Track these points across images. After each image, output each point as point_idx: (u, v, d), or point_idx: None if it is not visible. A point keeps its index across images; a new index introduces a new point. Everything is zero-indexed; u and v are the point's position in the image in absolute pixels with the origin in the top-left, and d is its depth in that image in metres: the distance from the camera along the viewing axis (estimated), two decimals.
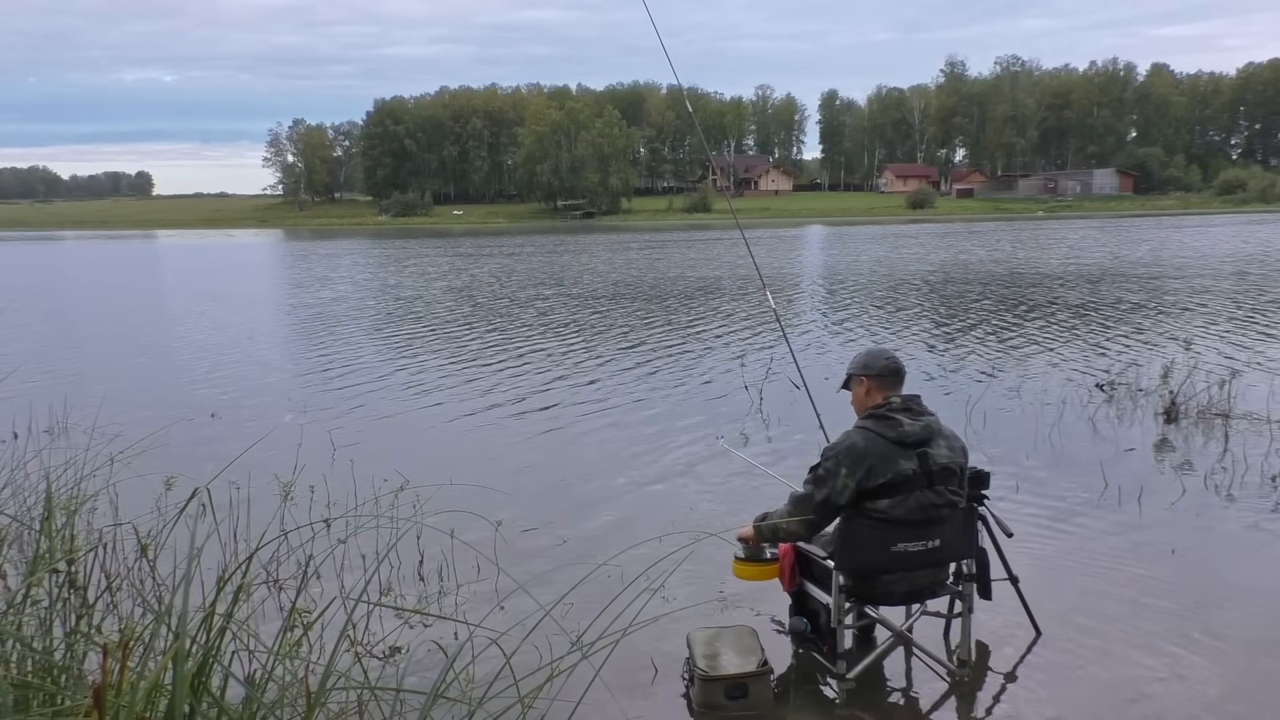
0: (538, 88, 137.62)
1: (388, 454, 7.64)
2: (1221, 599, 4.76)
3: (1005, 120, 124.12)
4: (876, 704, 3.89)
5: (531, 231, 78.17)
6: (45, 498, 4.05)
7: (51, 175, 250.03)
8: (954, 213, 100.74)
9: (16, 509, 4.64)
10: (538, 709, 2.46)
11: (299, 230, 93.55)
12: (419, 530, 4.91)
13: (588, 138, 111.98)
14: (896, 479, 3.64)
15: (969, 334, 14.50)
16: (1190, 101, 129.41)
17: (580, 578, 3.57)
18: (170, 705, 2.04)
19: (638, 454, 7.79)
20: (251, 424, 8.85)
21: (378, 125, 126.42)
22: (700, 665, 3.79)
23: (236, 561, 3.58)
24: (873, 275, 26.60)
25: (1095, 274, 25.21)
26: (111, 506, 5.33)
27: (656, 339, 14.59)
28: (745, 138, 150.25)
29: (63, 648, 2.76)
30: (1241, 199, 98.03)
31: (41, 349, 14.46)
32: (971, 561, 3.95)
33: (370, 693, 2.68)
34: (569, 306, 19.69)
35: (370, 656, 4.06)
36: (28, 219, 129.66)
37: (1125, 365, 11.03)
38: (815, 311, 18.20)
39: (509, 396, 10.26)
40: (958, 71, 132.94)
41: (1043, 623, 4.37)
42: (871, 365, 3.94)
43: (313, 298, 23.09)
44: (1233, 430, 7.94)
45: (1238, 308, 17.01)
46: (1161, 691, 3.87)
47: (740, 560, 4.17)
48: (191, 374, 12.22)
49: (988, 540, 4.16)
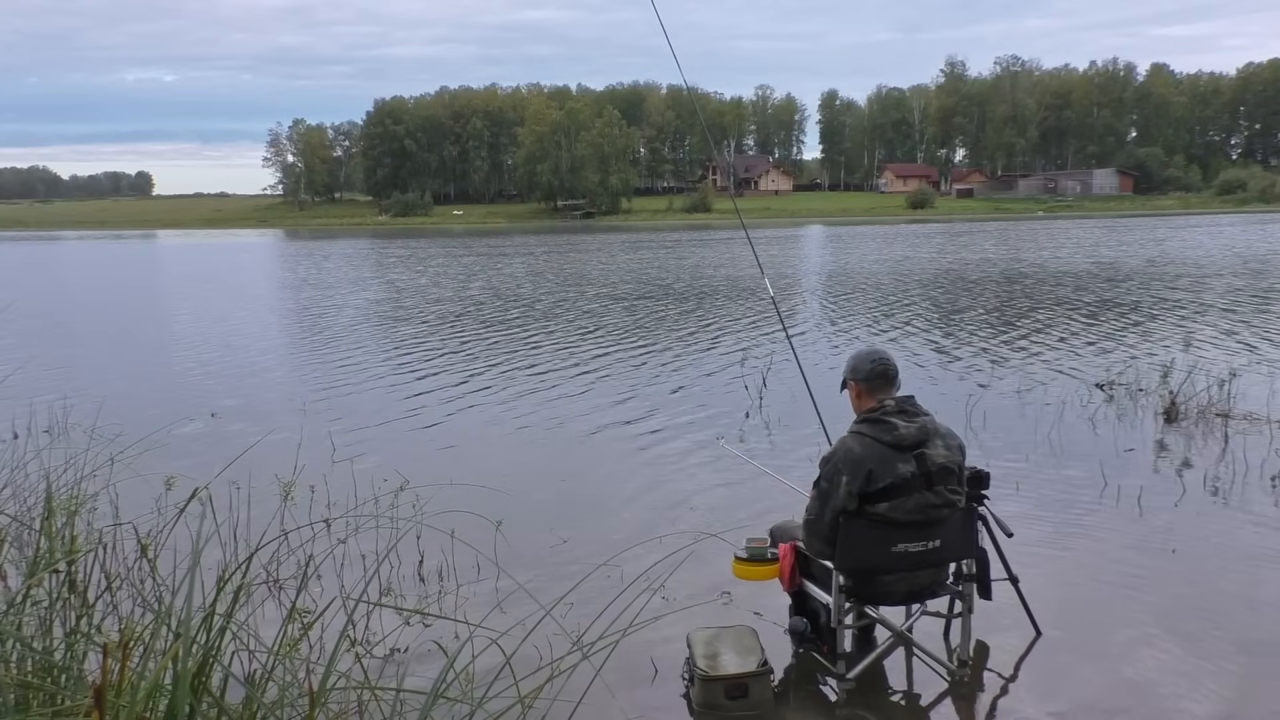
0: (538, 88, 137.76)
1: (388, 454, 7.65)
2: (1221, 599, 4.75)
3: (1005, 120, 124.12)
4: (876, 704, 3.89)
5: (532, 231, 78.14)
6: (45, 498, 4.05)
7: (51, 175, 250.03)
8: (954, 213, 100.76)
9: (16, 509, 4.64)
10: (538, 709, 2.46)
11: (299, 230, 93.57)
12: (419, 530, 4.92)
13: (588, 138, 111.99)
14: (895, 482, 3.63)
15: (969, 333, 14.50)
16: (1190, 101, 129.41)
17: (580, 578, 3.57)
18: (170, 705, 2.04)
19: (638, 454, 7.79)
20: (251, 424, 8.85)
21: (378, 125, 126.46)
22: (700, 665, 3.79)
23: (236, 561, 3.58)
24: (872, 274, 26.60)
25: (1095, 274, 25.21)
26: (111, 506, 5.33)
27: (657, 339, 14.58)
28: (745, 138, 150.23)
29: (63, 648, 2.76)
30: (1241, 199, 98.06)
31: (42, 349, 14.45)
32: (971, 561, 3.95)
33: (370, 693, 2.69)
34: (571, 306, 19.69)
35: (370, 656, 4.06)
36: (27, 219, 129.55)
37: (1125, 365, 11.04)
38: (816, 310, 18.19)
39: (509, 396, 10.26)
40: (958, 71, 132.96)
41: (1043, 623, 4.37)
42: (859, 369, 3.93)
43: (309, 299, 23.09)
44: (1233, 430, 7.94)
45: (1238, 308, 17.01)
46: (1162, 692, 3.87)
47: (740, 560, 4.17)
48: (191, 374, 12.22)
49: (988, 540, 4.16)
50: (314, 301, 22.10)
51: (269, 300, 23.91)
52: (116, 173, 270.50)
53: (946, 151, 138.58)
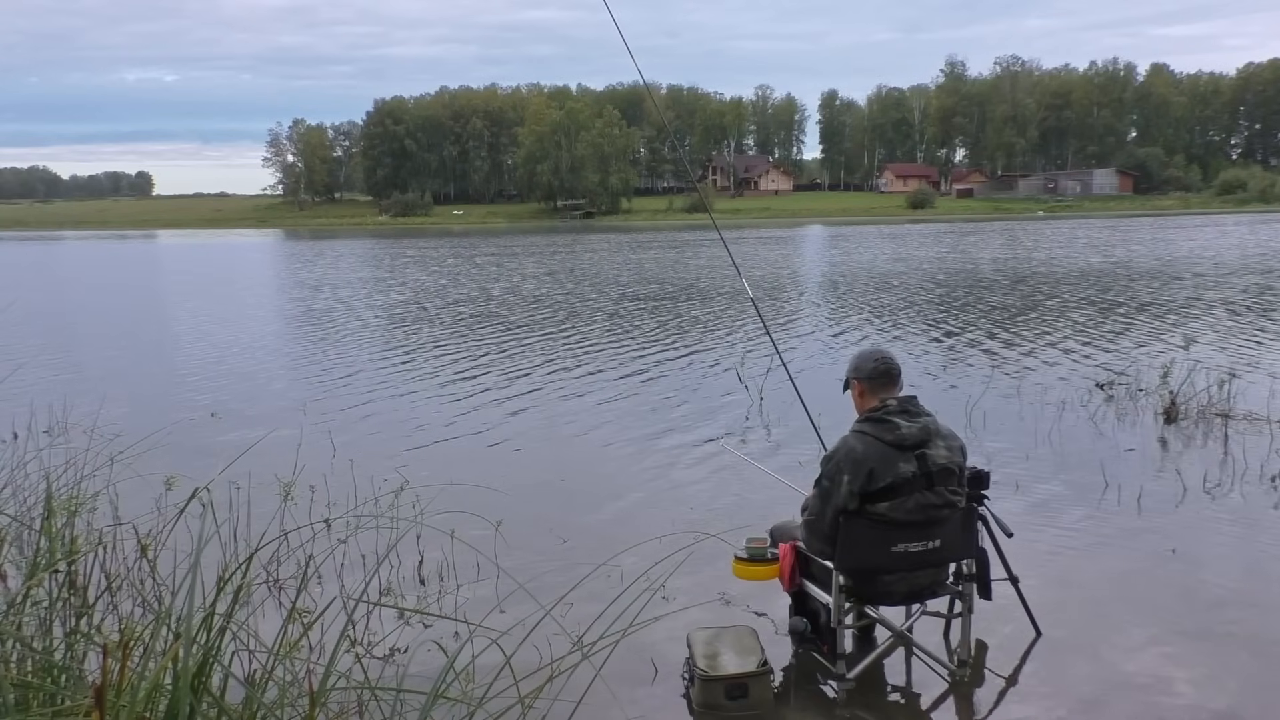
0: (538, 88, 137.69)
1: (388, 454, 7.64)
2: (1221, 599, 4.75)
3: (1005, 120, 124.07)
4: (876, 704, 3.89)
5: (533, 232, 78.13)
6: (45, 498, 4.05)
7: (51, 175, 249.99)
8: (954, 213, 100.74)
9: (16, 509, 4.63)
10: (538, 709, 2.47)
11: (299, 230, 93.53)
12: (419, 530, 4.92)
13: (588, 138, 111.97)
14: (896, 482, 3.64)
15: (969, 333, 14.50)
16: (1190, 101, 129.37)
17: (580, 578, 3.57)
18: (170, 705, 2.04)
19: (637, 454, 7.79)
20: (251, 424, 8.84)
21: (378, 125, 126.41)
22: (700, 665, 3.79)
23: (236, 561, 3.57)
24: (872, 274, 26.60)
25: (1095, 274, 25.21)
26: (111, 506, 5.33)
27: (657, 339, 14.58)
28: (745, 138, 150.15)
29: (63, 648, 2.76)
30: (1241, 199, 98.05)
31: (42, 349, 14.45)
32: (971, 561, 3.95)
33: (370, 693, 2.68)
34: (574, 306, 19.69)
35: (370, 656, 4.05)
36: (27, 219, 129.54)
37: (1125, 365, 11.04)
38: (814, 310, 18.19)
39: (509, 396, 10.25)
40: (958, 71, 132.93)
41: (1043, 623, 4.37)
42: (862, 368, 3.94)
43: (310, 299, 23.09)
44: (1233, 430, 7.94)
45: (1238, 308, 17.00)
46: (1162, 691, 3.87)
47: (740, 560, 4.17)
48: (191, 374, 12.21)
49: (988, 540, 4.16)
50: (314, 302, 22.10)
51: (270, 300, 23.90)
52: (116, 173, 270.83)
53: (946, 151, 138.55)
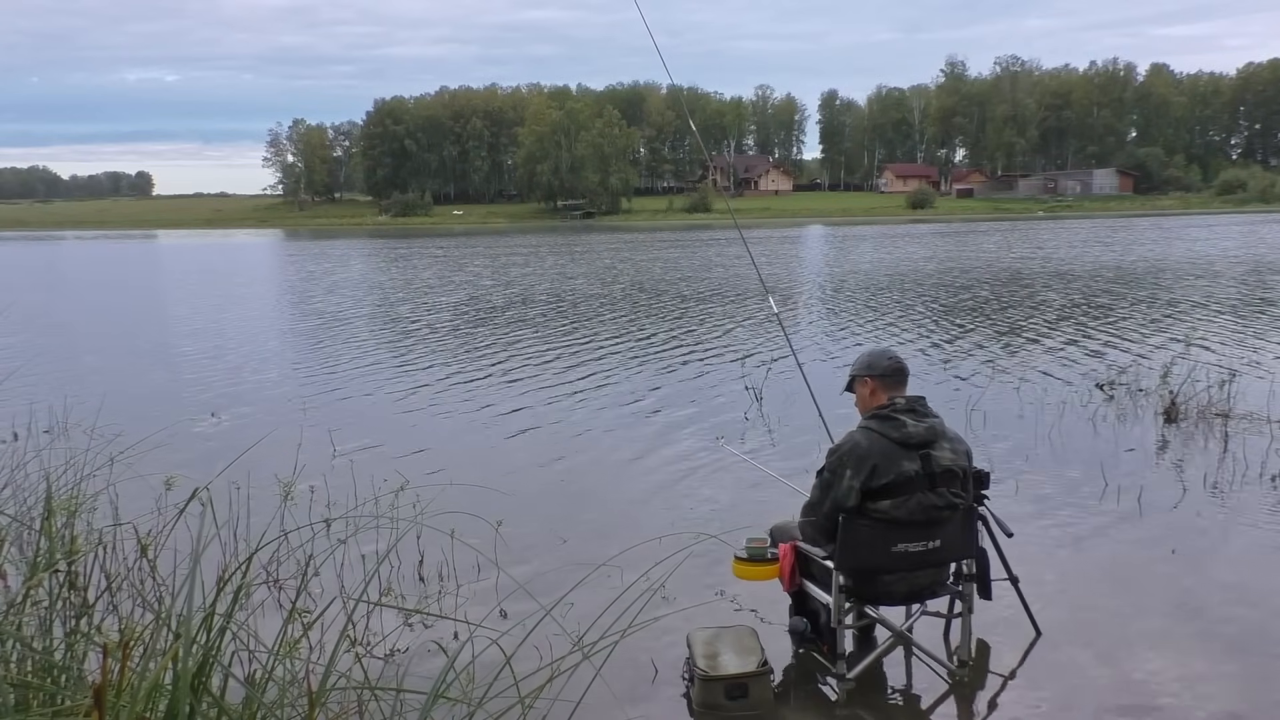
0: (538, 88, 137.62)
1: (388, 454, 7.64)
2: (1221, 599, 4.75)
3: (1005, 120, 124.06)
4: (876, 704, 3.89)
5: (533, 231, 78.12)
6: (45, 498, 4.05)
7: (51, 175, 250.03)
8: (954, 213, 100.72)
9: (16, 509, 4.63)
10: (538, 709, 2.46)
11: (299, 230, 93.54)
12: (419, 530, 4.91)
13: (588, 138, 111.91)
14: (899, 480, 3.64)
15: (969, 333, 14.49)
16: (1190, 101, 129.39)
17: (580, 578, 3.57)
18: (170, 705, 2.04)
19: (638, 454, 7.78)
20: (251, 424, 8.85)
21: (378, 125, 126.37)
22: (700, 665, 3.79)
23: (236, 561, 3.58)
24: (872, 275, 26.59)
25: (1095, 274, 25.20)
26: (111, 506, 5.33)
27: (657, 339, 14.58)
28: (745, 138, 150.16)
29: (63, 648, 2.76)
30: (1241, 199, 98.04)
31: (42, 349, 14.45)
32: (971, 561, 3.95)
33: (370, 692, 2.68)
34: (573, 306, 19.69)
35: (370, 656, 4.06)
36: (27, 219, 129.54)
37: (1125, 365, 11.03)
38: (816, 311, 18.19)
39: (509, 396, 10.25)
40: (958, 71, 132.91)
41: (1043, 623, 4.37)
42: (875, 365, 3.96)
43: (309, 300, 23.09)
44: (1233, 430, 7.94)
45: (1238, 307, 17.00)
46: (1163, 691, 3.87)
47: (740, 560, 4.17)
48: (191, 374, 12.21)
49: (988, 540, 4.16)
50: (317, 302, 22.10)
51: (271, 301, 23.90)
52: (117, 173, 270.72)
53: (946, 151, 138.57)
